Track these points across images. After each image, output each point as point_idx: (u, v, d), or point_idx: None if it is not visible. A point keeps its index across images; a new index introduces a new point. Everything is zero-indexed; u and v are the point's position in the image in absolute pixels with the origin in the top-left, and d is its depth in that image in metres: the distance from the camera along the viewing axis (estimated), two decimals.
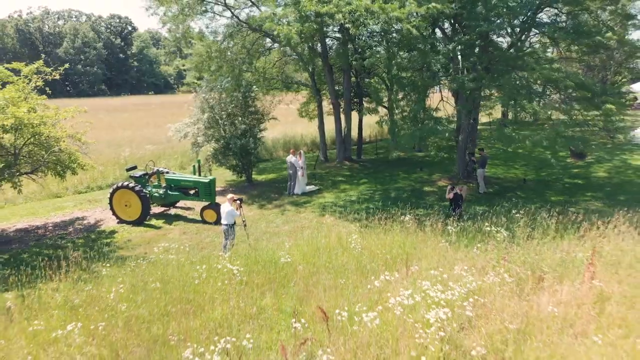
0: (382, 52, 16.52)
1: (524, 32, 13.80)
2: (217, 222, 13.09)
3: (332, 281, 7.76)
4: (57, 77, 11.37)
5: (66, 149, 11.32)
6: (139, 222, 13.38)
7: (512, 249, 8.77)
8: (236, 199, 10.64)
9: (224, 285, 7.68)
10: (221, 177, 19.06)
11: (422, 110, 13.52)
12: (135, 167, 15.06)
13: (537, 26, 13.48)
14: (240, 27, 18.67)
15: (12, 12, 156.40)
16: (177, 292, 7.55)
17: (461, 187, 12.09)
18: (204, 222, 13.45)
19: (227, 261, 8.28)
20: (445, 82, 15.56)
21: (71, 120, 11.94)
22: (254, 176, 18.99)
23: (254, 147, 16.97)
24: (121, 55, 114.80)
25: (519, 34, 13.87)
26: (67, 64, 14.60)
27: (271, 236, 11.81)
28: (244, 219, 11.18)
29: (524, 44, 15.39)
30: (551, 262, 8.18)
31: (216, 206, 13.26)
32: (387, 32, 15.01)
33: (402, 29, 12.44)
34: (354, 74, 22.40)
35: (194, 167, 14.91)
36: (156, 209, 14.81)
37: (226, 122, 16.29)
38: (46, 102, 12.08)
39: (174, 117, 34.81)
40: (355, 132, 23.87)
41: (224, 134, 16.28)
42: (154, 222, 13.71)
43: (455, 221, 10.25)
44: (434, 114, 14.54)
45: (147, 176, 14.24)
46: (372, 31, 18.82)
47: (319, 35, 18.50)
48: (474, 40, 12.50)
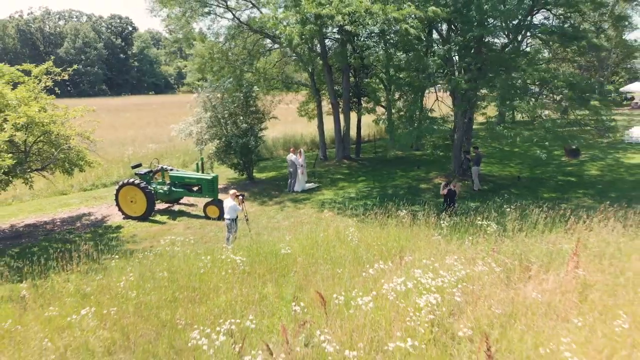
0: (380, 53, 16.94)
1: (517, 34, 14.25)
2: (219, 218, 13.54)
3: (330, 271, 8.18)
4: (66, 77, 11.84)
5: (75, 147, 11.78)
6: (144, 218, 13.86)
7: (502, 241, 9.21)
8: (238, 195, 11.09)
9: (227, 274, 8.11)
10: (223, 175, 19.50)
11: (418, 110, 13.96)
12: (140, 165, 15.53)
13: (529, 29, 13.93)
14: (241, 29, 19.12)
15: (13, 12, 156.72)
16: (184, 280, 7.99)
17: (455, 183, 12.54)
18: (207, 217, 13.92)
19: (231, 252, 8.73)
20: (441, 82, 16.01)
21: (80, 119, 12.39)
22: (254, 174, 19.44)
23: (255, 145, 17.43)
24: (122, 55, 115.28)
25: (512, 37, 14.33)
26: (75, 65, 15.03)
27: (272, 230, 12.26)
28: (246, 214, 11.63)
29: (520, 45, 15.84)
30: (538, 253, 8.58)
31: (219, 202, 13.72)
32: (384, 32, 15.44)
33: (400, 29, 12.85)
34: (352, 74, 22.84)
35: (197, 164, 15.37)
36: (160, 205, 15.27)
37: (228, 121, 16.76)
38: (53, 102, 12.53)
39: (175, 116, 35.26)
40: (354, 132, 24.32)
41: (225, 133, 16.75)
42: (159, 217, 14.18)
43: (448, 216, 10.70)
44: (430, 114, 15.00)
45: (152, 173, 14.71)
46: (370, 31, 19.27)
47: (318, 36, 18.93)
48: (467, 42, 12.95)
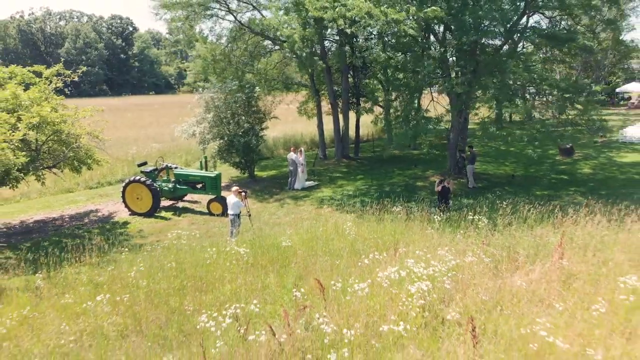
0: (379, 54, 17.39)
1: (509, 37, 14.72)
2: (222, 214, 14.03)
3: (328, 262, 8.66)
4: (76, 78, 12.34)
5: (84, 146, 12.27)
6: (150, 214, 14.37)
7: (492, 235, 9.70)
8: (241, 191, 11.59)
9: (232, 265, 8.61)
10: (225, 173, 19.99)
11: (414, 110, 14.45)
12: (145, 163, 16.05)
13: (521, 33, 14.41)
14: (243, 31, 19.61)
15: (14, 12, 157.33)
16: (191, 271, 8.49)
17: (449, 181, 13.04)
18: (210, 214, 14.42)
19: (235, 245, 9.23)
20: (437, 84, 16.51)
21: (89, 118, 12.89)
22: (256, 172, 19.95)
23: (256, 144, 17.94)
24: (122, 55, 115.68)
25: (505, 40, 14.81)
26: (84, 67, 15.53)
27: (273, 226, 12.75)
28: (249, 210, 12.13)
29: (516, 48, 16.31)
30: (526, 246, 9.06)
31: (222, 199, 14.22)
32: (382, 34, 15.88)
33: (399, 30, 13.27)
34: (351, 75, 23.33)
35: (201, 162, 15.91)
36: (165, 202, 15.77)
37: (230, 121, 17.26)
38: (63, 102, 13.03)
39: (176, 116, 35.69)
40: (353, 131, 24.81)
41: (228, 132, 17.26)
42: (164, 214, 14.70)
43: (442, 212, 11.19)
44: (425, 114, 15.49)
45: (157, 171, 15.22)
46: (369, 33, 19.75)
47: (318, 38, 19.41)
48: (462, 45, 13.44)
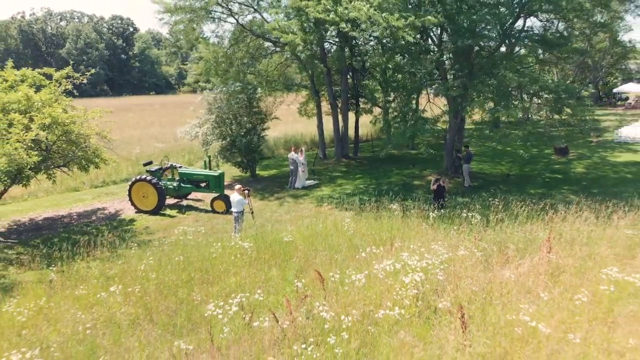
0: (378, 58, 17.81)
1: (504, 41, 15.18)
2: (225, 212, 14.51)
3: (327, 256, 9.13)
4: (84, 81, 12.81)
5: (92, 145, 12.75)
6: (155, 212, 14.86)
7: (484, 230, 10.16)
8: (244, 189, 12.06)
9: (236, 259, 9.07)
10: (227, 173, 20.44)
11: (411, 111, 14.91)
12: (151, 162, 16.55)
13: (514, 37, 14.86)
14: (245, 34, 20.08)
15: (15, 13, 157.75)
16: (198, 264, 8.96)
17: (444, 179, 13.51)
18: (213, 211, 14.90)
19: (239, 240, 9.69)
20: (433, 87, 16.96)
21: (97, 119, 13.36)
22: (257, 172, 20.43)
23: (258, 144, 18.42)
24: (123, 56, 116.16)
25: (498, 44, 15.27)
26: (93, 69, 16.01)
27: (275, 223, 13.21)
28: (252, 208, 12.60)
29: (513, 51, 16.75)
30: (516, 241, 9.52)
31: (225, 197, 14.71)
32: (381, 39, 16.31)
33: (399, 36, 13.69)
34: (351, 76, 23.79)
35: (205, 162, 16.42)
36: (170, 200, 16.26)
37: (233, 122, 17.74)
38: (72, 103, 13.50)
39: (178, 117, 36.14)
40: (352, 131, 25.26)
41: (230, 133, 17.73)
42: (169, 211, 15.19)
43: (437, 209, 11.66)
44: (422, 115, 15.95)
45: (162, 170, 15.72)
46: (369, 35, 20.18)
47: (318, 40, 19.85)
48: (457, 48, 13.88)
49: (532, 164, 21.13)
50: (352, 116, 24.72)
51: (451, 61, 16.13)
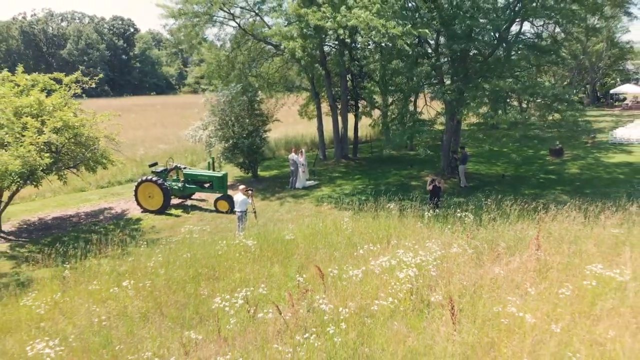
0: (376, 63, 18.25)
1: (497, 46, 15.63)
2: (228, 211, 15.00)
3: (327, 254, 9.59)
4: (93, 85, 13.29)
5: (101, 148, 13.25)
6: (161, 212, 15.37)
7: (477, 229, 10.60)
8: (247, 190, 12.55)
9: (241, 256, 9.55)
10: (230, 173, 20.86)
11: (408, 114, 15.40)
12: (156, 164, 17.07)
13: (508, 42, 15.33)
14: (246, 38, 20.56)
15: (16, 14, 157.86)
16: (204, 261, 9.43)
17: (440, 180, 13.99)
18: (217, 211, 15.40)
19: (243, 238, 10.18)
20: (429, 90, 17.43)
21: (106, 122, 13.86)
22: (259, 172, 20.91)
23: (260, 145, 18.92)
24: (124, 56, 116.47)
25: (492, 48, 15.73)
26: (101, 74, 16.51)
27: (277, 222, 13.69)
28: (254, 207, 13.09)
29: (508, 55, 17.21)
30: (507, 239, 9.95)
31: (228, 197, 15.20)
32: (379, 44, 16.78)
33: (396, 45, 14.15)
34: (350, 79, 24.25)
35: (209, 163, 16.94)
36: (175, 200, 16.76)
37: (235, 124, 18.23)
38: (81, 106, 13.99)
39: (179, 117, 36.50)
40: (351, 132, 25.72)
41: (233, 134, 18.23)
42: (173, 211, 15.69)
43: (432, 209, 12.13)
44: (419, 117, 16.43)
45: (167, 171, 16.23)
46: (367, 42, 20.65)
47: (318, 45, 20.31)
48: (453, 53, 14.34)
49: (528, 164, 21.60)
50: (351, 117, 25.19)
51: (448, 64, 16.60)
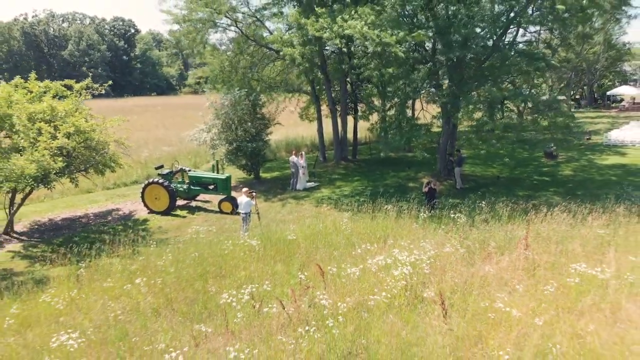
0: (371, 71, 18.76)
1: (491, 54, 16.15)
2: (232, 212, 15.56)
3: (327, 253, 10.13)
4: (103, 92, 13.85)
5: (110, 151, 13.82)
6: (167, 213, 15.95)
7: (469, 230, 11.13)
8: (251, 192, 13.13)
9: (246, 255, 10.09)
10: (232, 175, 21.48)
11: (405, 119, 15.98)
12: (162, 166, 17.66)
13: (501, 50, 15.87)
14: (248, 43, 21.13)
15: (18, 15, 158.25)
16: (211, 260, 9.97)
17: (435, 182, 14.54)
18: (221, 212, 15.97)
19: (247, 238, 10.73)
20: (424, 96, 17.97)
21: (115, 127, 14.45)
22: (261, 174, 21.46)
23: (262, 148, 19.49)
24: (124, 57, 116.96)
25: (486, 56, 16.28)
26: (110, 81, 17.09)
27: (279, 222, 14.23)
28: (257, 209, 13.65)
29: (504, 60, 17.74)
30: (498, 239, 10.48)
31: (232, 199, 15.78)
32: (375, 54, 17.32)
33: (391, 52, 14.73)
34: (349, 82, 24.78)
35: (213, 166, 17.53)
36: (180, 201, 17.29)
37: (238, 127, 18.79)
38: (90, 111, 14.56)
39: (181, 118, 37.02)
40: (351, 134, 26.26)
41: (236, 137, 18.79)
42: (179, 212, 16.26)
43: (428, 210, 12.67)
44: (416, 122, 16.99)
45: (173, 174, 16.80)
46: (364, 51, 21.18)
47: (318, 51, 20.84)
48: (448, 60, 14.89)
49: (522, 166, 22.15)
50: (351, 120, 25.72)
51: (445, 69, 17.13)
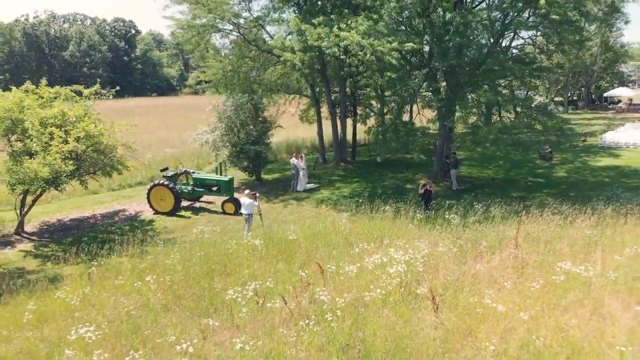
0: (367, 79, 19.28)
1: (485, 60, 16.67)
2: (235, 213, 16.09)
3: (327, 252, 10.63)
4: (110, 97, 14.38)
5: (118, 155, 14.36)
6: (172, 213, 16.50)
7: (463, 230, 11.63)
8: (253, 193, 13.66)
9: (249, 254, 10.59)
10: (234, 176, 21.99)
11: (401, 124, 16.52)
12: (167, 168, 18.21)
13: (495, 57, 16.39)
14: (250, 48, 21.65)
15: (19, 15, 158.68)
16: (216, 259, 10.48)
17: (430, 184, 15.06)
18: (224, 213, 16.51)
19: (250, 238, 11.24)
20: (423, 97, 18.48)
21: (123, 131, 15.00)
22: (262, 175, 21.99)
23: (263, 151, 20.03)
24: (125, 58, 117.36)
25: (479, 63, 16.80)
26: (118, 87, 17.63)
27: (280, 223, 14.75)
28: (260, 210, 14.17)
29: (500, 64, 18.24)
30: (489, 239, 10.97)
31: (235, 200, 16.31)
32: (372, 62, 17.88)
33: (386, 60, 15.28)
34: (348, 86, 25.28)
35: (216, 168, 18.09)
36: (184, 202, 17.82)
37: (240, 130, 19.32)
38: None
39: (182, 119, 37.44)
40: (350, 136, 26.78)
41: (238, 140, 19.32)
42: (184, 213, 16.80)
43: (423, 211, 13.18)
44: (413, 126, 17.53)
45: (177, 175, 17.35)
46: (360, 60, 21.70)
47: (318, 57, 21.35)
48: (443, 67, 15.41)
49: (518, 168, 22.66)
50: (350, 122, 26.23)
51: (441, 74, 17.66)
